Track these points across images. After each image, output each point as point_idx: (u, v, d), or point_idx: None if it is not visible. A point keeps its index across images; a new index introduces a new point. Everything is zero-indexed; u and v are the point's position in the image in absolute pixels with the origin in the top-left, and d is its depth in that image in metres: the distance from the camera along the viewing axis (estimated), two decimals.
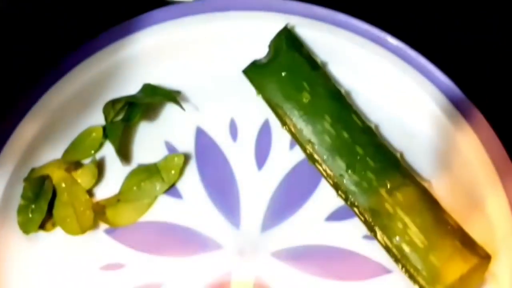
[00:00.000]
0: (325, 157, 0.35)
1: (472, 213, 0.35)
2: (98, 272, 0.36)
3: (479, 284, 0.33)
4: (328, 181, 0.36)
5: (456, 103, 0.36)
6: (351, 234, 0.36)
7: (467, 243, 0.33)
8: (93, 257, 0.36)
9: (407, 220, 0.33)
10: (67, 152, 0.37)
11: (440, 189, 0.36)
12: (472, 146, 0.35)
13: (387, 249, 0.34)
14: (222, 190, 0.37)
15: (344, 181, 0.35)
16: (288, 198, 0.37)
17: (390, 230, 0.34)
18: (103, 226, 0.36)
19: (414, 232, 0.33)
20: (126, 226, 0.36)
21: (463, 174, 0.36)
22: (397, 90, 0.37)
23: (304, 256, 0.36)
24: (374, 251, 0.35)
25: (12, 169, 0.36)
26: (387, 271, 0.35)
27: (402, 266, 0.33)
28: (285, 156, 0.37)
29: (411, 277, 0.33)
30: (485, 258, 0.33)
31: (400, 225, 0.33)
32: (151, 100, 0.37)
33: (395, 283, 0.35)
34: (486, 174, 0.35)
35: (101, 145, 0.37)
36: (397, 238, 0.33)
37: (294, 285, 0.35)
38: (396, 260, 0.34)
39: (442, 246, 0.33)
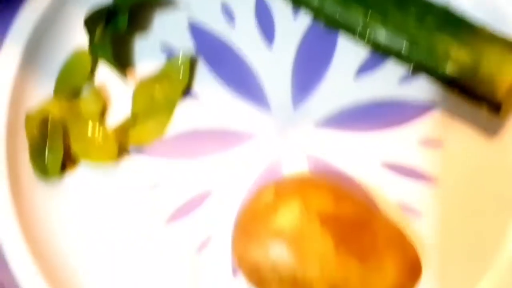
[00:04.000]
0: (339, 12, 0.32)
1: None
2: (148, 192, 0.33)
3: None
4: (355, 38, 0.33)
5: None
6: (386, 82, 0.33)
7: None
8: (137, 181, 0.33)
9: (445, 36, 0.31)
10: (58, 85, 0.33)
11: None
12: None
13: (437, 75, 0.32)
14: (240, 78, 0.34)
15: (370, 29, 0.32)
16: (311, 66, 0.34)
17: (432, 56, 0.32)
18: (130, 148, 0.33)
19: (456, 46, 0.31)
20: (154, 141, 0.33)
21: None
22: None
23: (346, 117, 0.33)
24: (415, 92, 0.33)
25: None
26: (435, 103, 0.33)
27: (457, 87, 0.32)
28: (291, 23, 0.34)
29: (467, 93, 0.31)
30: None
31: (442, 48, 0.31)
32: (134, 1, 0.32)
33: (441, 117, 0.33)
34: None
35: (94, 66, 0.33)
36: (442, 63, 0.31)
37: (344, 147, 0.33)
38: (450, 84, 0.32)
39: (489, 53, 0.31)
